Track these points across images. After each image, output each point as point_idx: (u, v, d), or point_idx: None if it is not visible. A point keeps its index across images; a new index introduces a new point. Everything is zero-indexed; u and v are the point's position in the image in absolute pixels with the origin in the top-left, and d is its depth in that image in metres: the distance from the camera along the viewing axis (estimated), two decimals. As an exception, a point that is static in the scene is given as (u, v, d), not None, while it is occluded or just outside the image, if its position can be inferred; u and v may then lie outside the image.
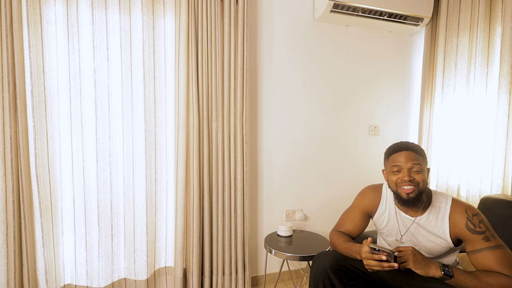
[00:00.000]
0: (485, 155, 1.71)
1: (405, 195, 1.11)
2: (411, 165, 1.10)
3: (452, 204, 1.11)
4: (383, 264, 1.04)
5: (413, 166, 1.09)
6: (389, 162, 1.17)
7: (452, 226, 1.09)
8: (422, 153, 1.13)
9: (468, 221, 1.05)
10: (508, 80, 1.58)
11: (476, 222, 1.04)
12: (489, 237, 1.02)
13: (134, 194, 1.66)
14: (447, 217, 1.10)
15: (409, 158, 1.10)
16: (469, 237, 1.05)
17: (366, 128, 2.17)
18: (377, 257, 1.03)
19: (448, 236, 1.09)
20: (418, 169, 1.09)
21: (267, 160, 1.95)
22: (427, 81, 2.05)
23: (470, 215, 1.06)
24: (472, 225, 1.04)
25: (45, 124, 1.47)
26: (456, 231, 1.08)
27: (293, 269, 2.11)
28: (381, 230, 1.29)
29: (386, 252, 1.03)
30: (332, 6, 1.80)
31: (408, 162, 1.10)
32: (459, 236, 1.08)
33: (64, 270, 1.59)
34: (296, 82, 1.97)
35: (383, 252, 1.03)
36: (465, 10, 1.82)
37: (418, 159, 1.10)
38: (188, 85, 1.65)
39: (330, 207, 2.12)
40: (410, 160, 1.10)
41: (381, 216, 1.25)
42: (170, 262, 1.78)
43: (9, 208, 1.40)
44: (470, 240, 1.04)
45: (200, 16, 1.64)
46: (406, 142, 1.16)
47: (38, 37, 1.43)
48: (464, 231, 1.05)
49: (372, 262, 1.05)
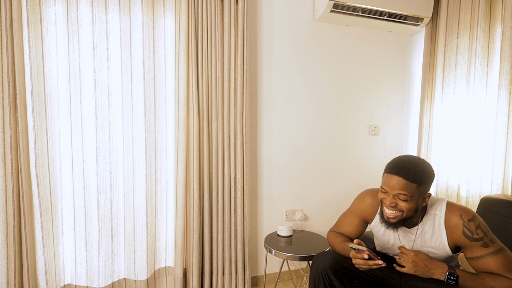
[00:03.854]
0: (485, 155, 1.71)
1: (386, 218, 1.08)
2: (397, 193, 1.02)
3: (447, 210, 1.06)
4: (368, 262, 1.05)
5: (399, 195, 1.02)
6: (382, 178, 1.11)
7: (450, 234, 1.05)
8: (418, 180, 1.00)
9: (465, 228, 1.02)
10: (508, 80, 1.58)
11: (473, 229, 1.00)
12: (487, 242, 0.99)
13: (134, 194, 1.66)
14: (443, 225, 1.06)
15: (397, 185, 1.01)
16: (467, 245, 1.02)
17: (366, 128, 2.17)
18: (360, 256, 1.06)
19: (447, 245, 1.06)
20: (403, 199, 1.01)
21: (267, 160, 1.95)
22: (427, 81, 2.05)
23: (466, 221, 1.02)
24: (469, 232, 1.01)
25: (45, 124, 1.47)
26: (454, 238, 1.05)
27: (293, 269, 2.11)
28: (380, 239, 1.25)
29: (365, 251, 1.06)
30: (332, 6, 1.80)
31: (394, 189, 1.02)
32: (457, 244, 1.06)
33: (64, 270, 1.59)
34: (296, 82, 1.97)
35: (364, 251, 1.06)
36: (465, 10, 1.82)
37: (408, 189, 1.00)
38: (188, 85, 1.65)
39: (330, 207, 2.12)
40: (397, 188, 1.01)
41: (379, 224, 1.19)
42: (170, 262, 1.78)
43: (9, 208, 1.40)
44: (469, 247, 1.02)
45: (200, 16, 1.64)
46: (405, 163, 1.03)
47: (38, 37, 1.43)
48: (462, 238, 1.02)
49: (358, 261, 1.07)
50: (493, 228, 1.36)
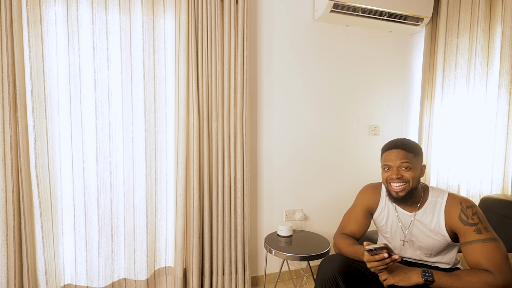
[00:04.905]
0: (485, 155, 1.71)
1: (394, 193, 1.13)
2: (400, 163, 1.11)
3: (448, 198, 1.12)
4: (386, 261, 1.01)
5: (402, 165, 1.11)
6: (382, 160, 1.20)
7: (447, 218, 1.09)
8: (413, 150, 1.13)
9: (462, 213, 1.05)
10: (508, 80, 1.58)
11: (469, 214, 1.04)
12: (481, 229, 1.02)
13: (134, 194, 1.66)
14: (442, 210, 1.11)
15: (398, 156, 1.11)
16: (461, 229, 1.05)
17: (366, 128, 2.17)
18: (378, 257, 1.01)
19: (444, 229, 1.10)
20: (407, 167, 1.10)
21: (267, 160, 1.95)
22: (427, 81, 2.05)
23: (464, 206, 1.06)
24: (464, 217, 1.04)
25: (45, 124, 1.47)
26: (450, 222, 1.08)
27: (293, 269, 2.11)
28: (382, 229, 1.29)
29: (383, 248, 1.02)
30: (332, 6, 1.80)
31: (397, 160, 1.11)
32: (453, 228, 1.08)
33: (64, 270, 1.59)
34: (296, 82, 1.97)
35: (380, 249, 1.02)
36: (465, 10, 1.82)
37: (408, 157, 1.11)
38: (188, 85, 1.65)
39: (330, 207, 2.12)
40: (399, 158, 1.11)
41: (381, 213, 1.26)
42: (170, 262, 1.78)
43: (9, 208, 1.40)
44: (463, 232, 1.04)
45: (200, 16, 1.64)
46: (398, 140, 1.16)
47: (38, 37, 1.43)
48: (458, 223, 1.05)
49: (375, 264, 1.02)
50: (493, 228, 1.36)
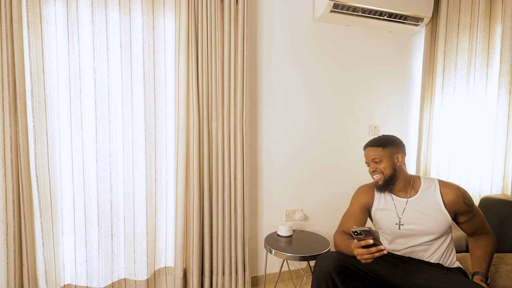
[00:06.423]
0: (485, 155, 1.71)
1: (376, 183, 1.29)
2: (371, 159, 1.28)
3: (440, 182, 1.25)
4: (371, 249, 0.99)
5: (374, 160, 1.28)
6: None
7: (445, 197, 1.21)
8: (381, 144, 1.27)
9: (464, 198, 1.20)
10: (508, 80, 1.58)
11: (468, 197, 1.21)
12: (473, 206, 1.21)
13: (134, 194, 1.66)
14: (438, 191, 1.23)
15: (369, 153, 1.29)
16: (465, 210, 1.20)
17: (366, 128, 2.17)
18: (364, 243, 1.00)
19: (443, 207, 1.20)
20: (377, 161, 1.26)
21: (267, 160, 1.95)
22: (427, 81, 2.05)
23: (463, 191, 1.21)
24: (467, 201, 1.20)
25: (45, 124, 1.47)
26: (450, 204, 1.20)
27: (293, 269, 2.11)
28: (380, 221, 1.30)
29: (368, 232, 1.00)
30: (332, 6, 1.80)
31: (369, 157, 1.30)
32: (455, 209, 1.20)
33: (64, 270, 1.59)
34: (296, 82, 1.97)
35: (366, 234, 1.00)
36: (465, 10, 1.82)
37: (376, 151, 1.27)
38: (188, 85, 1.65)
39: (330, 207, 2.12)
40: (370, 155, 1.29)
41: (379, 203, 1.33)
42: (170, 262, 1.78)
43: (9, 208, 1.40)
44: (465, 213, 1.20)
45: (200, 16, 1.64)
46: (371, 139, 1.33)
47: (38, 37, 1.43)
48: (463, 206, 1.20)
49: (360, 251, 1.00)
50: (493, 228, 1.36)
